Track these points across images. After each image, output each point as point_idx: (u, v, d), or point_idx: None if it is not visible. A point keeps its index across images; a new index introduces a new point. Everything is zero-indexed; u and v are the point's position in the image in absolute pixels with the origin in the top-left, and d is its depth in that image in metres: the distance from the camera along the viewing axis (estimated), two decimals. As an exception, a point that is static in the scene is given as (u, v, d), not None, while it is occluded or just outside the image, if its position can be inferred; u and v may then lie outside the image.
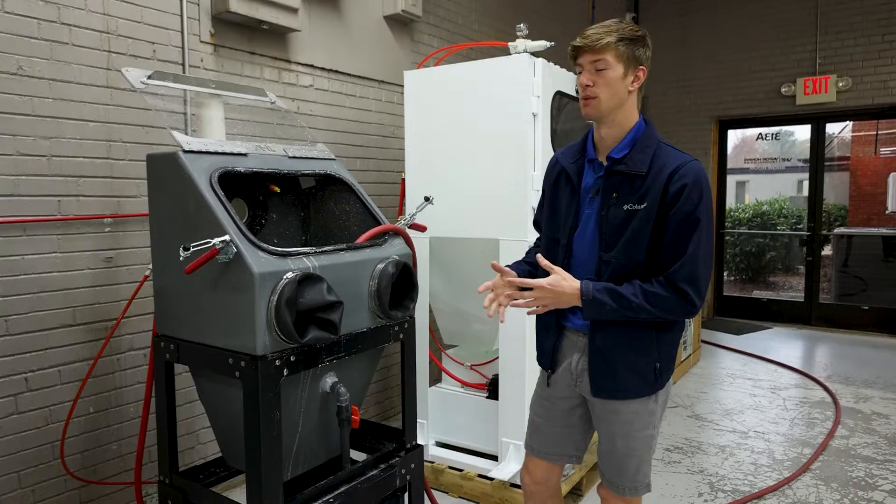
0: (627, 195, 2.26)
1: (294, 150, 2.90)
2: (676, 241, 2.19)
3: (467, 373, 4.29)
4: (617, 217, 2.27)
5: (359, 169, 4.79)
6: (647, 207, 2.22)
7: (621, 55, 2.21)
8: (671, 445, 4.81)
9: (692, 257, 2.17)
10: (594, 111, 2.27)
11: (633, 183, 2.26)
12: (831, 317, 8.86)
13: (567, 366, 2.50)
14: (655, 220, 2.21)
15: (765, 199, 10.43)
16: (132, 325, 3.46)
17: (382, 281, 2.62)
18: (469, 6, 5.98)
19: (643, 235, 2.23)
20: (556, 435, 2.60)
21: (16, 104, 2.99)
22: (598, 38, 2.20)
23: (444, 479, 3.98)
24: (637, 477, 2.46)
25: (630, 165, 2.26)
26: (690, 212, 2.17)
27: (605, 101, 2.25)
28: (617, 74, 2.23)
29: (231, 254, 2.22)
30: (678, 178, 2.19)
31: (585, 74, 2.25)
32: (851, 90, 8.17)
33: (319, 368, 2.50)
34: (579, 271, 2.37)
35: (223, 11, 3.68)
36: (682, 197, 2.17)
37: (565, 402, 2.55)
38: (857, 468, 4.40)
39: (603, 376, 2.36)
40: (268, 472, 2.28)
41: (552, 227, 2.50)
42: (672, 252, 2.19)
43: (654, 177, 2.22)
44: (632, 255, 2.25)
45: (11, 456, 3.03)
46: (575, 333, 2.47)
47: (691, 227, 2.18)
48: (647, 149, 2.27)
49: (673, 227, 2.19)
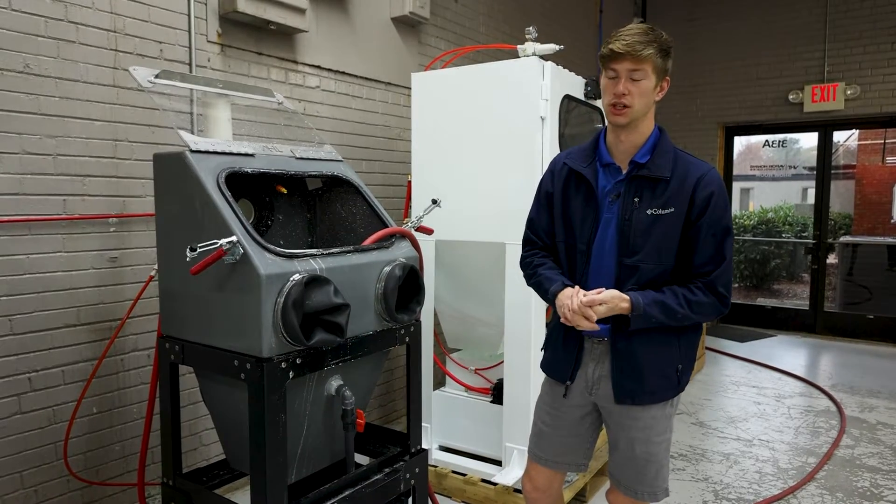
0: (651, 200, 2.28)
1: (301, 151, 2.88)
2: (711, 246, 2.25)
3: (471, 377, 4.27)
4: (641, 222, 2.28)
5: (364, 171, 4.78)
6: (674, 213, 2.26)
7: (657, 66, 2.23)
8: (675, 452, 4.79)
9: (728, 263, 2.27)
10: (626, 119, 2.27)
11: (655, 188, 2.28)
12: (836, 325, 8.82)
13: (582, 374, 2.49)
14: (685, 227, 2.26)
15: (770, 207, 10.40)
16: (136, 325, 3.44)
17: (389, 284, 2.60)
18: (476, 9, 5.97)
19: (673, 240, 2.27)
20: (564, 444, 2.59)
21: (22, 102, 2.98)
22: (642, 48, 2.18)
23: (447, 483, 3.96)
24: (656, 482, 2.46)
25: (653, 170, 2.28)
26: (720, 218, 2.26)
27: (638, 111, 2.26)
28: (651, 85, 2.24)
29: (238, 255, 2.20)
30: (705, 186, 2.25)
31: (622, 83, 2.23)
32: (859, 98, 8.15)
33: (325, 371, 2.48)
34: (596, 276, 2.37)
35: (231, 11, 3.67)
36: (710, 204, 2.24)
37: (577, 411, 2.54)
38: (862, 478, 4.37)
39: (630, 381, 2.36)
40: (272, 475, 2.26)
41: (567, 232, 2.47)
42: (709, 257, 2.26)
43: (679, 182, 2.26)
44: (661, 260, 2.28)
45: (14, 456, 3.01)
46: (589, 341, 2.46)
47: (723, 234, 2.26)
48: (667, 154, 2.31)
49: (706, 234, 2.25)
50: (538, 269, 2.54)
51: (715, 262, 2.25)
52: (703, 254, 2.26)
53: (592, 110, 4.20)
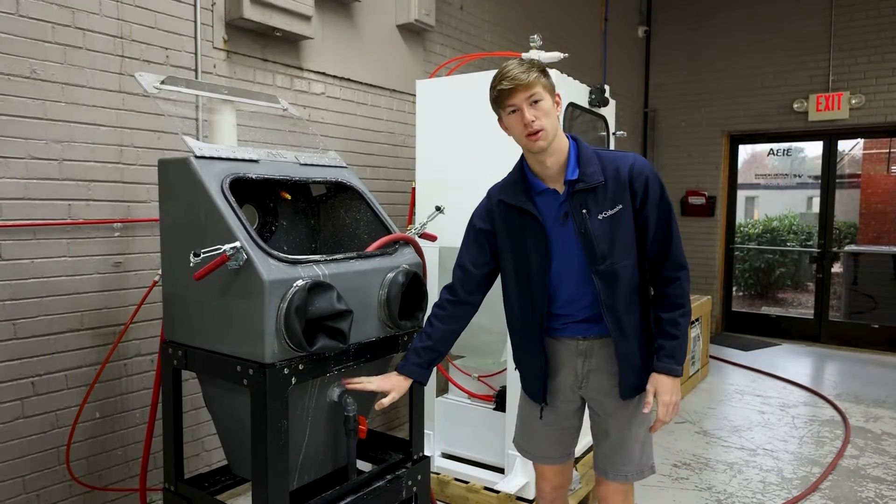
0: (598, 206, 2.37)
1: (306, 158, 2.89)
2: (663, 227, 2.40)
3: (474, 384, 4.26)
4: (599, 228, 2.37)
5: (368, 177, 4.78)
6: (623, 209, 2.37)
7: (546, 86, 2.35)
8: (679, 461, 4.77)
9: (676, 236, 2.43)
10: (545, 142, 2.34)
11: (597, 194, 2.37)
12: (841, 334, 8.79)
13: (571, 371, 2.57)
14: (634, 217, 2.40)
15: (774, 215, 10.37)
16: (139, 330, 3.44)
17: (392, 290, 2.60)
18: (481, 17, 5.98)
19: (629, 234, 2.39)
20: (554, 439, 2.70)
21: (28, 107, 2.99)
22: (526, 76, 2.30)
23: (449, 490, 3.94)
24: (643, 460, 2.58)
25: (588, 181, 2.37)
26: (660, 198, 2.40)
27: (551, 130, 2.34)
28: (549, 104, 2.35)
29: (241, 260, 2.20)
30: (639, 174, 2.38)
31: (527, 111, 2.32)
32: (864, 107, 8.14)
33: (327, 377, 2.48)
34: (566, 292, 2.48)
35: (237, 18, 3.68)
36: (649, 189, 2.38)
37: (568, 406, 2.64)
38: (867, 489, 4.35)
39: (635, 377, 2.49)
40: (274, 481, 2.26)
41: (518, 265, 2.52)
42: (659, 240, 2.41)
43: (615, 180, 2.38)
44: (629, 254, 2.40)
45: (17, 460, 3.01)
46: (572, 339, 2.54)
47: (666, 211, 2.40)
48: (591, 160, 2.40)
49: (654, 217, 2.39)
50: (419, 333, 2.65)
51: (668, 240, 2.40)
52: (657, 236, 2.40)
53: (597, 118, 4.19)
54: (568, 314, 2.50)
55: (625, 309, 2.41)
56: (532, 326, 2.52)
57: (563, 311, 2.50)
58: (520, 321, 2.58)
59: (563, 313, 2.50)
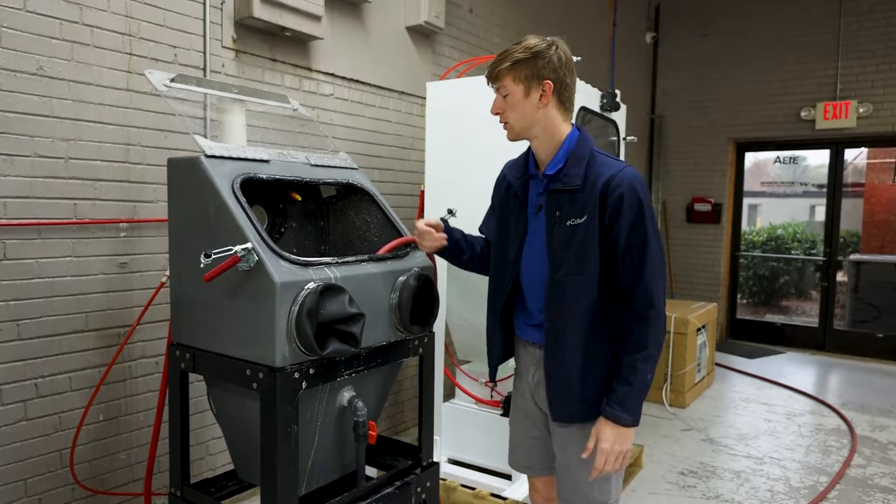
0: (570, 210, 2.25)
1: (316, 158, 2.85)
2: (630, 251, 2.17)
3: (482, 389, 4.22)
4: (562, 234, 2.26)
5: (376, 179, 4.74)
6: (586, 220, 2.20)
7: (518, 77, 2.25)
8: (686, 469, 4.73)
9: (648, 278, 2.17)
10: (511, 135, 2.35)
11: (572, 198, 2.25)
12: (846, 343, 8.75)
13: (527, 378, 2.53)
14: (601, 233, 2.20)
15: (778, 224, 10.34)
16: (145, 332, 3.40)
17: (404, 294, 2.56)
18: (491, 20, 5.95)
19: (589, 249, 2.21)
20: (529, 446, 2.62)
21: (35, 105, 2.95)
22: (494, 68, 2.28)
23: (455, 497, 3.90)
24: (594, 495, 2.38)
25: (566, 182, 2.26)
26: (635, 218, 2.16)
27: (516, 123, 2.31)
28: (518, 96, 2.27)
29: (252, 262, 2.16)
30: (614, 189, 2.17)
31: (495, 102, 2.32)
32: (872, 116, 8.12)
33: (337, 382, 2.44)
34: (529, 288, 2.42)
35: (246, 17, 3.65)
36: (622, 209, 2.16)
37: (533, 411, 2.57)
38: (874, 498, 4.31)
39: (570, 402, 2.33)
40: (283, 487, 2.21)
41: (501, 243, 2.51)
42: (629, 266, 2.18)
43: (590, 188, 2.22)
44: (582, 269, 2.23)
45: (19, 463, 2.97)
46: (532, 345, 2.48)
47: (642, 235, 2.17)
48: (581, 160, 2.26)
49: (624, 238, 2.17)
50: None
51: (639, 269, 2.17)
52: (627, 261, 2.19)
53: (608, 123, 4.16)
54: (530, 309, 2.44)
55: (569, 326, 2.26)
56: (495, 305, 2.52)
57: (529, 304, 2.45)
58: (491, 297, 2.56)
59: (529, 307, 2.45)
